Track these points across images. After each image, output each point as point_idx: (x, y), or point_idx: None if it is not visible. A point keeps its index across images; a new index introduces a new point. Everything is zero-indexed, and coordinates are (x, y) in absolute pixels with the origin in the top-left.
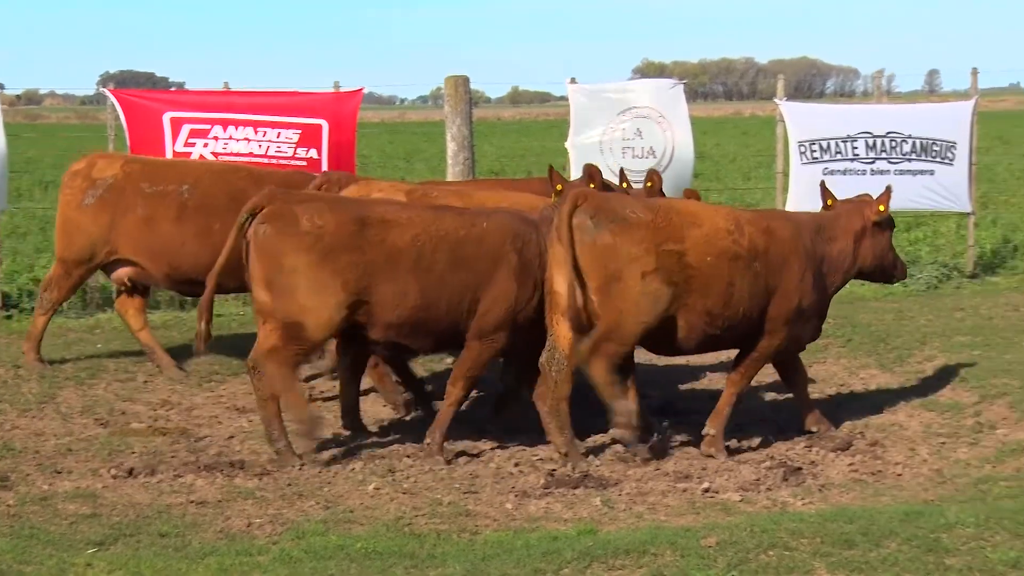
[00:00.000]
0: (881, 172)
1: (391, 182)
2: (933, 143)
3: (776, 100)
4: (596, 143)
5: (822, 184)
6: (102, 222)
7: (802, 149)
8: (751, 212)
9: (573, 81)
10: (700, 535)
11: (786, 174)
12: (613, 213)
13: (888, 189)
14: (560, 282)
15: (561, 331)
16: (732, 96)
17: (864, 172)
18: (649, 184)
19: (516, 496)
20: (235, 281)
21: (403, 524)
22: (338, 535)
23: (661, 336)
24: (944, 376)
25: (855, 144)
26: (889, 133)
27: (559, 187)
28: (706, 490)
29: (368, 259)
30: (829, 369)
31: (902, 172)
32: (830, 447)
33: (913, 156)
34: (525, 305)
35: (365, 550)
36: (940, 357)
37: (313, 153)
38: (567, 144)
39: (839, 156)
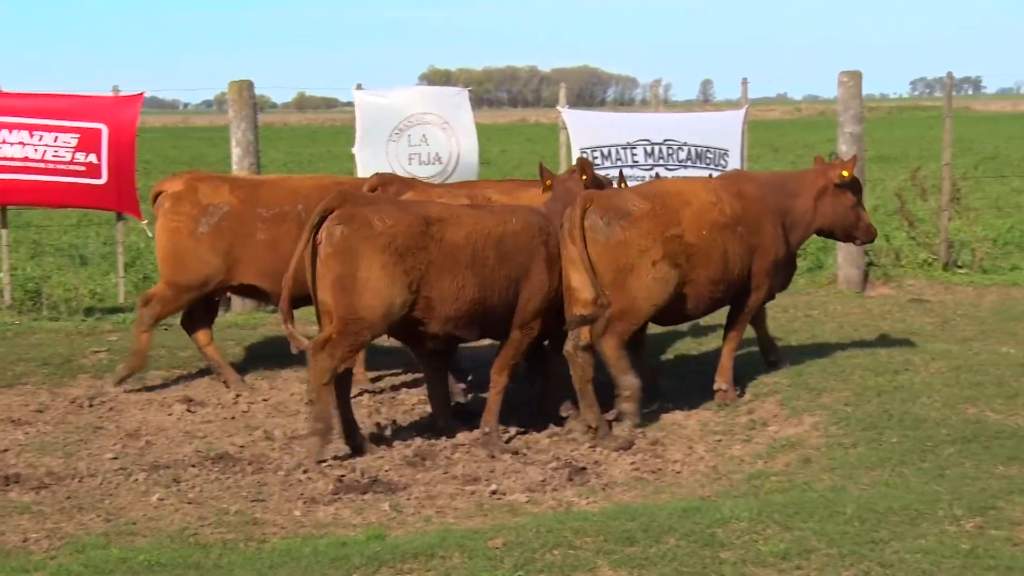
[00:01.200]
0: (659, 178)
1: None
2: (707, 150)
3: (559, 107)
4: (383, 149)
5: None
6: (220, 249)
7: (584, 155)
8: (720, 179)
9: (359, 87)
10: (487, 537)
11: None
12: (621, 210)
13: (854, 157)
14: (577, 279)
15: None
16: (517, 103)
17: (643, 178)
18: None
19: (304, 503)
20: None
21: (188, 535)
22: (120, 548)
23: (675, 310)
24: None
25: (635, 151)
26: (666, 140)
27: (548, 182)
28: (494, 492)
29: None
30: None
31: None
32: (613, 446)
33: (689, 163)
34: (555, 294)
35: (148, 562)
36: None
37: (93, 158)
38: (354, 150)
39: (619, 162)
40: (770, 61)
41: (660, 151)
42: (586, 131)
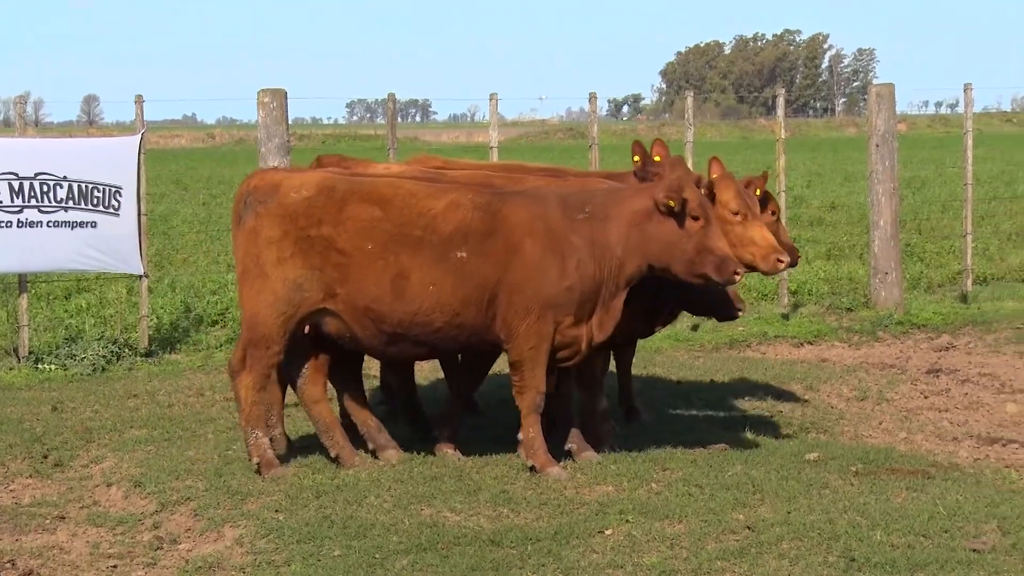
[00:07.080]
0: (32, 224)
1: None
2: (94, 188)
3: None
4: None
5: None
6: None
7: None
8: (480, 191)
9: None
10: None
11: None
12: (272, 192)
13: (679, 178)
14: None
15: None
16: None
17: (10, 224)
18: None
19: None
20: None
21: None
22: None
23: (349, 337)
24: (114, 480)
25: None
26: (39, 175)
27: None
28: None
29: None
30: None
31: (58, 224)
32: None
33: (70, 204)
34: None
35: None
36: (110, 458)
37: None
38: None
39: None
40: (173, 74)
41: (32, 188)
42: None
